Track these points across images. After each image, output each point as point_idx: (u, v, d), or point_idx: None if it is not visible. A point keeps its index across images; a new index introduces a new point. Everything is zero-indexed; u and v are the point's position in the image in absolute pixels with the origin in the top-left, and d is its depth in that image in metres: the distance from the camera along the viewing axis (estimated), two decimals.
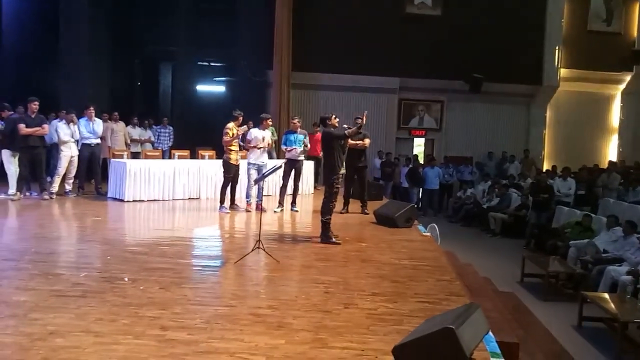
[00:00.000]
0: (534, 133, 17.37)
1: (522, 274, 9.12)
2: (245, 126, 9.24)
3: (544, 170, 15.47)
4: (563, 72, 17.05)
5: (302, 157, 9.62)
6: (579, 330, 6.89)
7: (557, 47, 16.84)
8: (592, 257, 8.60)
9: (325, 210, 7.02)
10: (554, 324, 6.58)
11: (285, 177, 9.56)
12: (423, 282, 5.46)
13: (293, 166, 9.53)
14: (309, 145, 10.02)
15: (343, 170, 7.42)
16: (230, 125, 8.94)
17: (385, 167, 15.32)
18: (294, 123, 9.69)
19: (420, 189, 15.45)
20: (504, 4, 16.38)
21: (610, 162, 16.01)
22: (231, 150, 9.01)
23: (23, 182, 9.81)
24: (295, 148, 9.44)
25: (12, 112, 10.31)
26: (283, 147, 9.65)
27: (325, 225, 7.00)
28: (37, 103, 9.63)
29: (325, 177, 7.40)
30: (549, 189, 12.39)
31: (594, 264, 8.38)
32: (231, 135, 8.88)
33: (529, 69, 16.67)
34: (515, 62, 16.40)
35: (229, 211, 9.19)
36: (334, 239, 6.95)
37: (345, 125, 7.49)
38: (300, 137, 9.49)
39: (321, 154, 10.09)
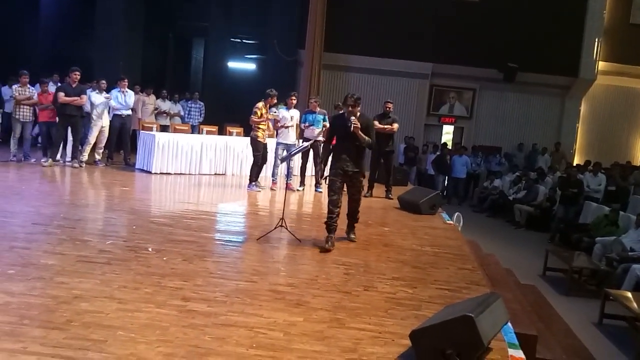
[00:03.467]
0: (566, 126, 17.02)
1: (544, 268, 9.02)
2: (276, 112, 9.18)
3: (575, 165, 15.19)
4: (601, 65, 16.60)
5: (320, 137, 9.46)
6: (600, 327, 6.80)
7: (596, 39, 16.38)
8: (618, 255, 8.45)
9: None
10: (574, 320, 6.50)
11: (304, 157, 9.56)
12: (444, 269, 5.44)
13: (311, 146, 9.45)
14: (327, 126, 9.91)
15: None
16: (260, 105, 8.94)
17: (408, 152, 15.21)
18: (312, 103, 9.61)
19: (446, 177, 15.32)
20: None
21: None
22: (259, 128, 9.02)
23: (56, 149, 10.01)
24: (313, 128, 9.35)
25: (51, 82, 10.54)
26: (302, 126, 9.57)
27: (325, 223, 5.87)
28: (78, 73, 9.83)
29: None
30: (579, 183, 12.16)
31: (620, 261, 8.24)
32: (259, 115, 8.89)
33: (565, 60, 16.28)
34: (552, 52, 16.03)
35: (259, 189, 9.22)
36: (324, 245, 5.67)
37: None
38: (320, 117, 9.36)
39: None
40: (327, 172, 6.09)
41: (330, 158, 6.21)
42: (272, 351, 3.29)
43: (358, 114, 5.83)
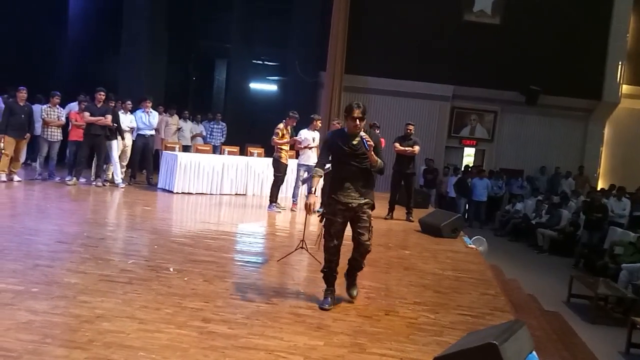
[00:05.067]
0: (590, 150, 16.81)
1: (569, 294, 8.84)
2: (293, 138, 9.21)
3: (599, 189, 14.96)
4: (625, 88, 16.45)
5: None
6: (627, 356, 6.63)
7: (620, 63, 16.25)
8: None
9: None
10: (600, 348, 6.35)
11: (326, 179, 9.55)
12: (466, 294, 5.36)
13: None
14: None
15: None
16: (281, 126, 9.02)
17: (427, 175, 15.14)
18: (335, 124, 9.66)
19: (467, 200, 15.18)
20: (566, 15, 15.92)
21: None
22: (282, 149, 9.08)
23: (81, 168, 10.16)
24: None
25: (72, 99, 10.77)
26: None
27: (323, 276, 4.66)
28: (103, 93, 10.01)
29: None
30: (603, 208, 11.97)
31: None
32: (280, 136, 8.95)
33: (588, 83, 16.15)
34: (575, 75, 15.90)
35: (280, 210, 9.23)
36: (323, 305, 4.46)
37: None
38: None
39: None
40: (315, 203, 4.73)
41: (319, 186, 5.39)
42: None
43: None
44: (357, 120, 4.42)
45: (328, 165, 6.32)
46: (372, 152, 4.44)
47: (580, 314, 8.13)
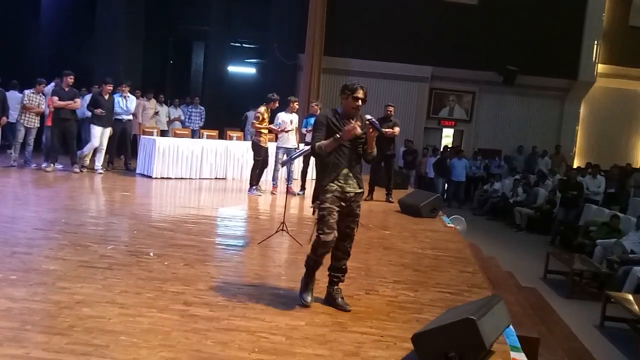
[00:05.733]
0: (566, 129, 17.06)
1: (545, 271, 9.02)
2: (274, 127, 9.16)
3: (574, 167, 15.20)
4: (600, 67, 16.67)
5: None
6: (601, 329, 6.80)
7: (595, 42, 16.43)
8: (619, 257, 8.45)
9: (313, 244, 4.14)
10: (575, 322, 6.50)
11: (305, 161, 9.57)
12: (445, 272, 5.44)
13: None
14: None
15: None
16: (262, 109, 8.97)
17: (406, 156, 15.24)
18: (313, 106, 9.66)
19: (447, 180, 15.32)
20: None
21: None
22: (261, 132, 9.04)
23: (55, 154, 10.02)
24: None
25: (49, 83, 10.58)
26: (303, 130, 9.58)
27: (305, 267, 4.23)
28: (72, 77, 9.83)
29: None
30: (579, 186, 12.18)
31: (620, 264, 8.24)
32: (261, 120, 8.92)
33: (565, 63, 16.32)
34: (551, 55, 16.06)
35: (260, 193, 9.22)
36: (306, 299, 4.16)
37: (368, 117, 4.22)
38: None
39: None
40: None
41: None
42: (274, 355, 3.29)
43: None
44: (360, 101, 4.06)
45: (307, 148, 6.17)
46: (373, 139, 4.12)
47: (557, 289, 8.31)
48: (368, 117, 4.14)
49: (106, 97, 10.06)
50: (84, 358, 3.05)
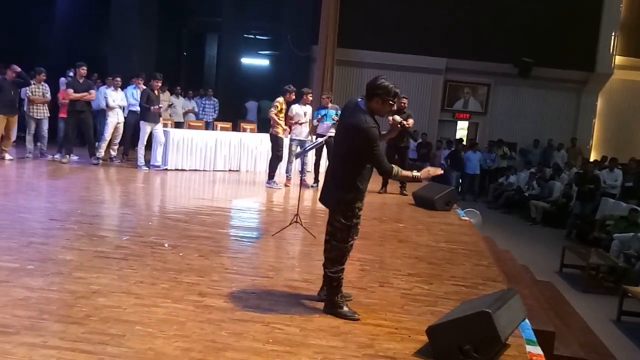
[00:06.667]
0: (583, 121, 16.84)
1: (561, 264, 8.95)
2: (288, 125, 9.14)
3: (591, 160, 15.02)
4: (618, 59, 16.39)
5: (332, 132, 9.37)
6: (618, 324, 6.75)
7: (613, 33, 16.16)
8: (637, 252, 8.36)
9: (335, 256, 3.88)
10: (591, 316, 6.44)
11: (318, 153, 9.54)
12: (460, 265, 5.41)
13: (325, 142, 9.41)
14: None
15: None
16: (280, 99, 8.97)
17: (420, 149, 15.16)
18: (324, 98, 9.61)
19: (461, 173, 15.23)
20: None
21: None
22: (279, 124, 9.03)
23: (70, 146, 10.09)
24: (325, 123, 9.33)
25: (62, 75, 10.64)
26: (314, 122, 9.55)
27: (333, 284, 3.87)
28: (85, 68, 9.89)
29: (338, 199, 3.85)
30: (596, 179, 12.05)
31: (638, 258, 8.15)
32: (279, 109, 8.91)
33: (581, 54, 16.11)
34: (568, 47, 15.85)
35: (281, 187, 9.21)
36: (346, 310, 3.81)
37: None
38: (332, 112, 9.31)
39: None
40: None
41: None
42: (288, 346, 3.29)
43: None
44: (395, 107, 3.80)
45: (320, 140, 6.11)
46: None
47: (573, 283, 8.24)
48: (398, 118, 4.02)
49: (155, 92, 9.93)
50: (100, 347, 3.08)
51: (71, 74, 10.76)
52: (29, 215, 5.95)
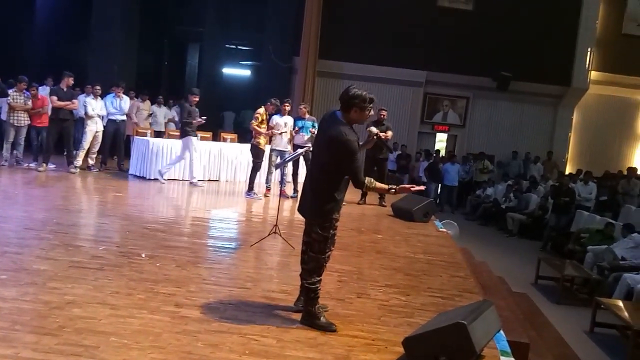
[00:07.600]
0: (559, 135, 17.13)
1: (536, 276, 9.06)
2: (269, 131, 9.16)
3: (567, 173, 15.27)
4: (594, 74, 16.74)
5: (309, 144, 9.38)
6: (591, 335, 6.83)
7: (589, 49, 16.52)
8: (609, 264, 8.49)
9: (313, 267, 3.90)
10: (565, 328, 6.53)
11: (295, 164, 9.58)
12: (437, 277, 5.46)
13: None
14: (315, 133, 9.85)
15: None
16: (261, 110, 9.01)
17: (400, 160, 15.29)
18: (301, 109, 9.64)
19: (439, 185, 15.36)
20: (537, 2, 16.10)
21: (630, 169, 15.49)
22: (260, 135, 9.04)
23: (48, 154, 9.98)
24: (302, 134, 9.36)
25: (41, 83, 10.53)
26: (293, 133, 9.56)
27: (310, 295, 3.88)
28: (72, 79, 9.91)
29: (316, 210, 3.89)
30: (571, 192, 12.24)
31: (611, 270, 8.28)
32: (260, 120, 8.93)
33: (558, 69, 16.41)
34: (545, 62, 16.16)
35: (261, 197, 9.20)
36: (323, 321, 3.82)
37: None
38: (309, 123, 9.33)
39: None
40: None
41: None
42: (265, 358, 3.29)
43: None
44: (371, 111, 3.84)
45: (300, 150, 6.18)
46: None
47: (547, 294, 8.34)
48: (374, 130, 4.10)
49: (193, 107, 9.85)
50: (73, 358, 3.05)
51: (49, 83, 10.68)
52: (4, 224, 5.86)
